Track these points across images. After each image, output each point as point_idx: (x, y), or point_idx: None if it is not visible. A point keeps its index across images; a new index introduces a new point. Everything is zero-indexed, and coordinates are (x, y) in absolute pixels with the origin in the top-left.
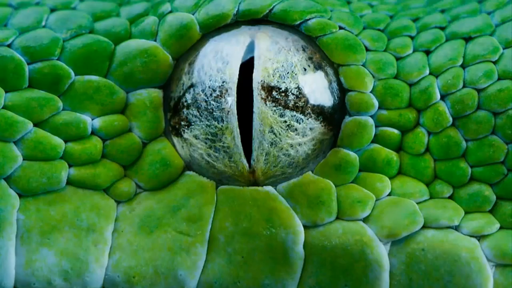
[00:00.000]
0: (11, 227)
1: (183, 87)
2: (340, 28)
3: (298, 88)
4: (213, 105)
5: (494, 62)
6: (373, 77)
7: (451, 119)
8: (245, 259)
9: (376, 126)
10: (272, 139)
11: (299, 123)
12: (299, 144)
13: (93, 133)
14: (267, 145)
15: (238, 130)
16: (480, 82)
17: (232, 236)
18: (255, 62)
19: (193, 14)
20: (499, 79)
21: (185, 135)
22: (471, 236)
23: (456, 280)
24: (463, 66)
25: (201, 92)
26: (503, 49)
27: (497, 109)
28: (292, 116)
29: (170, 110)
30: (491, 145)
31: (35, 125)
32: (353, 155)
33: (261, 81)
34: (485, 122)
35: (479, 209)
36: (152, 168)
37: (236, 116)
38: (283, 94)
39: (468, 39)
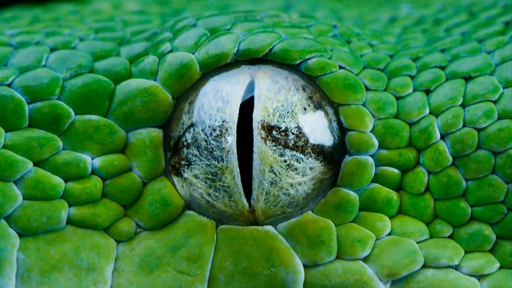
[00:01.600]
0: (11, 267)
1: (183, 127)
2: (340, 67)
3: (298, 127)
4: (213, 144)
5: (494, 102)
6: (373, 116)
7: (451, 158)
8: None
9: (376, 166)
10: (272, 178)
11: (299, 163)
12: (299, 184)
13: (93, 172)
14: (267, 184)
15: (238, 169)
16: (480, 122)
17: (232, 275)
18: (255, 102)
19: (193, 54)
20: (499, 118)
21: (185, 175)
22: (471, 275)
23: None
24: (463, 105)
25: (201, 132)
26: (503, 88)
27: (497, 149)
28: (292, 155)
29: (170, 149)
30: (491, 185)
31: (35, 164)
32: (353, 195)
33: (261, 120)
34: (485, 162)
35: (479, 249)
36: (152, 208)
37: (236, 156)
38: (283, 133)
39: (468, 78)
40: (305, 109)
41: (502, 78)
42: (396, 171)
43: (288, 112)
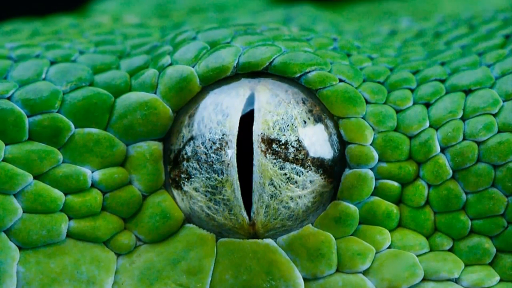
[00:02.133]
0: (11, 280)
1: (183, 140)
2: (340, 80)
3: (298, 140)
4: (213, 157)
5: (494, 115)
6: (373, 129)
7: (451, 171)
8: None
9: (376, 179)
10: (272, 191)
11: (299, 176)
12: (299, 197)
13: (93, 185)
14: (267, 197)
15: (238, 182)
16: (480, 135)
17: None
18: (255, 115)
19: (193, 67)
20: (499, 131)
21: (185, 188)
22: None
23: None
24: (463, 118)
25: (201, 145)
26: (503, 101)
27: (497, 162)
28: (292, 168)
29: (170, 162)
30: (491, 198)
31: (35, 177)
32: (353, 208)
33: (261, 133)
34: (485, 175)
35: (479, 262)
36: (152, 221)
37: (236, 169)
38: (283, 146)
39: (468, 91)
40: (305, 122)
41: (502, 91)
42: (396, 184)
43: (288, 125)
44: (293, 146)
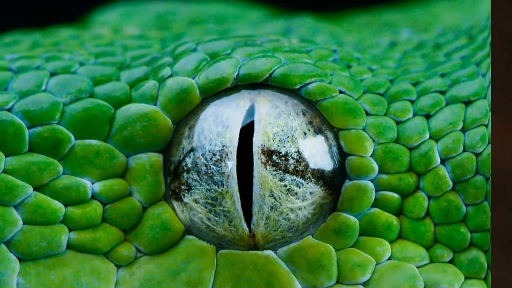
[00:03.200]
0: None
1: (183, 151)
2: (340, 92)
3: (298, 152)
4: (213, 169)
5: (487, 126)
6: (373, 141)
7: (451, 183)
8: None
9: (376, 190)
10: (272, 203)
11: (299, 187)
12: (299, 208)
13: (93, 197)
14: (267, 209)
15: (238, 194)
16: (477, 146)
17: None
18: (255, 126)
19: (193, 78)
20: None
21: (185, 199)
22: None
23: None
24: (463, 130)
25: (201, 156)
26: None
27: (488, 174)
28: (292, 180)
29: (170, 174)
30: (485, 211)
31: (35, 189)
32: (353, 219)
33: (261, 145)
34: (481, 187)
35: (477, 276)
36: (152, 232)
37: (236, 180)
38: (283, 158)
39: (467, 102)
40: (305, 133)
41: None
42: (396, 195)
43: (288, 137)
44: (293, 158)
